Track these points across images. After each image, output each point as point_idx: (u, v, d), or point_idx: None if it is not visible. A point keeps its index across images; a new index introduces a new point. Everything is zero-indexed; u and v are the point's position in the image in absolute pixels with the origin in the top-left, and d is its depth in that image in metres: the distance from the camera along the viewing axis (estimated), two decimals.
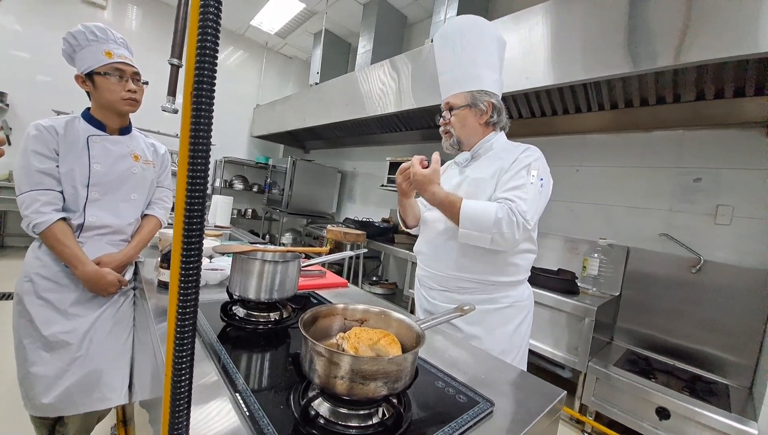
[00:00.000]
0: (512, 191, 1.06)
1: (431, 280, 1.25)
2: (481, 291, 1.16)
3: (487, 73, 1.18)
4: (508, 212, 1.02)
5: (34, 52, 4.18)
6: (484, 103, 1.18)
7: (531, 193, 1.05)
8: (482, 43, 1.18)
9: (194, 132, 0.33)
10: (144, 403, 1.13)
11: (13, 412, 1.57)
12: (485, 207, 1.05)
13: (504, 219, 1.01)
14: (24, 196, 1.13)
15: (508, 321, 1.16)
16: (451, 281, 1.19)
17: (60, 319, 1.18)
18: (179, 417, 0.37)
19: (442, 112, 1.25)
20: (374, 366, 0.53)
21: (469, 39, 1.18)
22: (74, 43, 1.17)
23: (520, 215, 1.01)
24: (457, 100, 1.20)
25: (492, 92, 1.19)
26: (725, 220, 2.02)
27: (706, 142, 2.11)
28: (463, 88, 1.19)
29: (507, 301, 1.16)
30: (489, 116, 1.20)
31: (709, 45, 1.46)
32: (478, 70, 1.18)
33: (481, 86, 1.17)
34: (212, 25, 0.33)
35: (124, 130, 1.32)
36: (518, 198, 1.04)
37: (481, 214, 1.04)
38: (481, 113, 1.19)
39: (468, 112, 1.19)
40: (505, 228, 1.01)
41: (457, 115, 1.20)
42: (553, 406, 0.72)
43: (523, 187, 1.06)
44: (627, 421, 1.84)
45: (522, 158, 1.12)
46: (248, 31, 5.47)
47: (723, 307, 1.98)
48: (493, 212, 1.02)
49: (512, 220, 1.01)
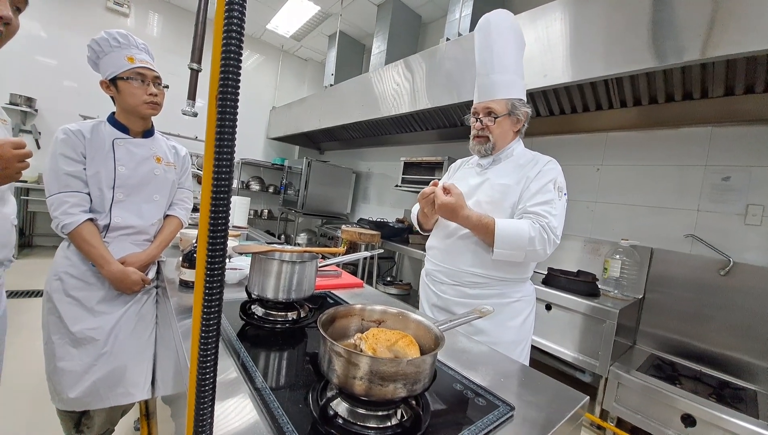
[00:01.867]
0: (542, 206, 1.11)
1: (443, 274, 1.27)
2: (492, 286, 1.20)
3: (520, 81, 1.22)
4: (540, 230, 1.07)
5: (61, 58, 4.36)
6: (522, 113, 1.21)
7: (559, 208, 1.12)
8: (517, 47, 1.21)
9: (219, 136, 0.34)
10: (166, 398, 1.16)
11: (40, 406, 1.64)
12: (518, 227, 1.09)
13: (537, 237, 1.06)
14: (53, 198, 1.17)
15: (517, 314, 1.21)
16: (464, 276, 1.22)
17: (87, 316, 1.23)
18: (203, 413, 0.37)
19: (479, 115, 1.24)
20: (393, 367, 0.53)
21: (509, 40, 1.19)
22: (98, 50, 1.21)
23: (551, 232, 1.07)
24: (499, 107, 1.21)
25: (525, 100, 1.22)
26: (756, 220, 1.94)
27: (736, 139, 2.02)
28: (505, 95, 1.20)
29: (516, 296, 1.21)
30: (522, 125, 1.24)
31: (737, 38, 1.40)
32: (515, 77, 1.20)
33: (518, 94, 1.21)
34: (236, 30, 0.33)
35: (147, 133, 1.36)
36: (549, 214, 1.09)
37: (515, 235, 1.08)
38: (517, 121, 1.23)
39: (507, 119, 1.21)
40: (538, 245, 1.07)
41: (498, 122, 1.21)
42: (576, 411, 0.71)
43: (552, 203, 1.11)
44: (650, 427, 1.78)
45: (547, 171, 1.16)
46: (264, 34, 5.56)
47: (753, 311, 1.90)
48: (526, 232, 1.07)
49: (544, 237, 1.07)
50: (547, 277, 2.39)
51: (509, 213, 1.18)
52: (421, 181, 3.46)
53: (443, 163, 3.31)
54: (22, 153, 0.83)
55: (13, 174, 0.84)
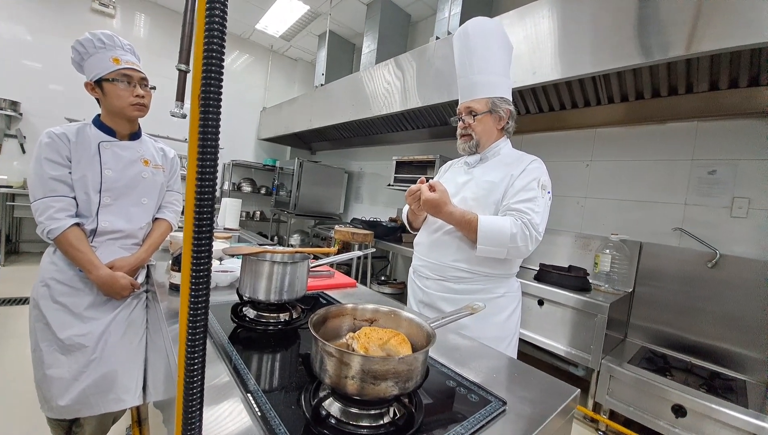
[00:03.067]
0: (525, 203, 1.12)
1: (428, 269, 1.29)
2: (476, 281, 1.21)
3: (504, 80, 1.25)
4: (522, 227, 1.09)
5: (46, 61, 4.28)
6: (504, 111, 1.24)
7: (542, 206, 1.13)
8: (499, 49, 1.24)
9: (202, 136, 0.33)
10: (158, 403, 1.14)
11: (30, 415, 1.60)
12: (500, 224, 1.10)
13: (518, 234, 1.08)
14: (38, 202, 1.15)
15: (501, 310, 1.22)
16: (447, 271, 1.24)
17: (75, 323, 1.20)
18: (192, 417, 0.37)
19: (461, 116, 1.29)
20: (385, 366, 0.53)
21: (487, 43, 1.22)
22: (82, 51, 1.19)
23: (533, 228, 1.09)
24: (479, 105, 1.24)
25: (508, 99, 1.25)
26: (742, 212, 1.97)
27: (721, 133, 2.06)
28: (485, 94, 1.23)
29: (500, 291, 1.22)
30: (506, 122, 1.26)
31: (722, 34, 1.43)
32: (497, 77, 1.23)
33: (500, 93, 1.23)
34: (218, 29, 0.33)
35: (134, 136, 1.34)
36: (531, 211, 1.11)
37: (497, 232, 1.10)
38: (500, 119, 1.25)
39: (488, 117, 1.24)
40: (519, 242, 1.09)
41: (479, 120, 1.25)
42: (567, 404, 0.71)
43: (535, 200, 1.12)
44: (642, 419, 1.81)
45: (531, 169, 1.18)
46: (253, 34, 5.52)
47: (740, 302, 1.94)
48: (508, 228, 1.09)
49: (526, 234, 1.08)
50: (538, 272, 2.41)
51: (493, 210, 1.20)
52: (413, 180, 3.45)
53: (435, 162, 3.32)
54: None
55: None
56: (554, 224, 2.75)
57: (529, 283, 2.25)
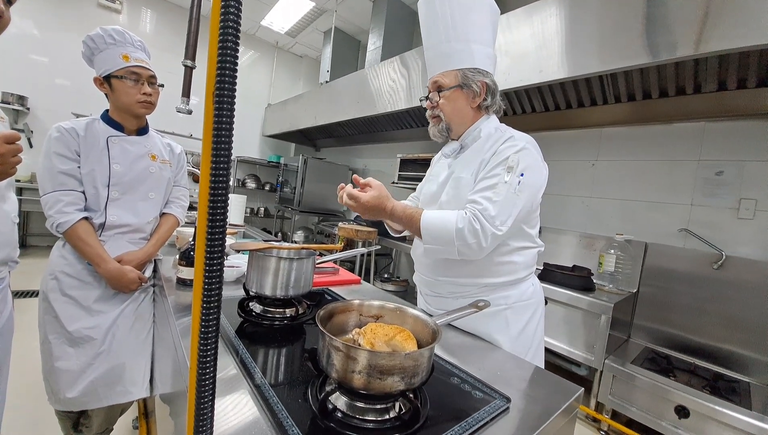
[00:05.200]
0: (482, 192, 0.94)
1: (424, 285, 1.16)
2: (474, 295, 1.03)
3: (480, 48, 1.03)
4: (471, 220, 0.91)
5: (52, 56, 4.31)
6: (477, 84, 1.03)
7: (503, 193, 0.92)
8: (473, 12, 1.02)
9: (216, 133, 0.34)
10: (164, 396, 1.16)
11: (36, 408, 1.63)
12: (445, 219, 0.94)
13: (465, 228, 0.90)
14: (47, 196, 1.16)
15: (507, 325, 1.02)
16: (440, 286, 1.10)
17: (84, 316, 1.22)
18: (204, 410, 0.38)
19: (429, 94, 1.10)
20: (391, 361, 0.54)
21: (458, 6, 1.01)
22: (93, 46, 1.20)
23: (486, 221, 0.90)
24: (447, 79, 1.05)
25: (485, 70, 1.04)
26: (748, 214, 1.96)
27: (728, 134, 2.04)
28: (454, 66, 1.03)
29: (506, 302, 1.03)
30: (482, 99, 1.05)
31: (730, 34, 1.41)
32: (470, 45, 1.02)
33: (473, 64, 1.02)
34: (233, 26, 0.33)
35: (142, 131, 1.35)
36: (487, 200, 0.92)
37: (441, 228, 0.94)
38: (474, 95, 1.04)
39: (459, 93, 1.04)
40: (469, 238, 0.90)
41: (446, 97, 1.05)
42: (570, 403, 0.72)
43: (495, 187, 0.93)
44: (645, 419, 1.81)
45: (502, 150, 0.97)
46: (259, 31, 5.52)
47: (746, 304, 1.93)
48: (452, 224, 0.92)
49: (476, 228, 0.90)
50: (542, 272, 2.41)
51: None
52: (418, 177, 3.46)
53: None
54: (15, 148, 0.81)
55: (9, 169, 0.82)
56: (559, 223, 2.74)
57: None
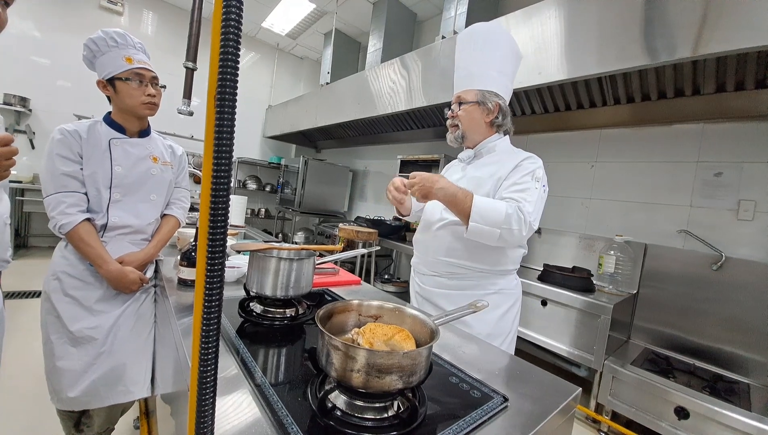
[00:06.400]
0: (518, 193, 1.12)
1: (424, 265, 1.32)
2: (470, 277, 1.23)
3: (499, 77, 1.24)
4: (517, 210, 1.07)
5: (54, 58, 4.32)
6: (492, 103, 1.23)
7: (535, 196, 1.12)
8: (501, 49, 1.24)
9: (218, 135, 0.35)
10: (165, 396, 1.17)
11: (40, 406, 1.64)
12: (495, 203, 1.09)
13: (513, 215, 1.06)
14: (50, 198, 1.17)
15: (495, 307, 1.21)
16: (441, 266, 1.26)
17: (86, 316, 1.23)
18: (205, 409, 0.38)
19: (452, 106, 1.31)
20: (390, 360, 0.54)
21: (491, 43, 1.24)
22: (95, 49, 1.21)
23: (526, 214, 1.07)
24: (468, 95, 1.26)
25: (500, 94, 1.25)
26: (748, 215, 1.96)
27: (727, 136, 2.05)
28: (475, 86, 1.24)
29: (494, 288, 1.22)
30: (495, 116, 1.25)
31: (729, 36, 1.42)
32: (492, 71, 1.23)
33: (491, 87, 1.23)
34: (234, 29, 0.34)
35: (144, 133, 1.36)
36: (524, 199, 1.10)
37: (492, 209, 1.07)
38: (488, 112, 1.24)
39: (476, 108, 1.25)
40: (514, 224, 1.06)
41: (465, 110, 1.26)
42: (568, 403, 0.72)
43: (528, 191, 1.12)
44: (645, 420, 1.81)
45: (525, 165, 1.18)
46: (260, 33, 5.54)
47: (745, 305, 1.93)
48: (503, 208, 1.07)
49: (520, 217, 1.07)
50: (542, 273, 2.41)
51: None
52: None
53: (440, 161, 3.32)
54: (8, 150, 0.79)
55: (2, 172, 0.80)
56: (558, 225, 2.74)
57: (532, 284, 2.25)
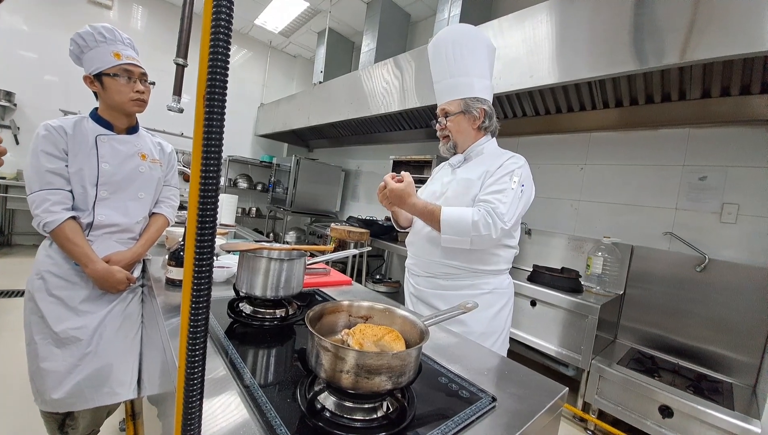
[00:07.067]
0: (493, 194, 1.16)
1: (418, 266, 1.35)
2: (464, 277, 1.25)
3: (478, 81, 1.28)
4: (485, 215, 1.11)
5: (41, 52, 4.23)
6: (477, 110, 1.27)
7: (510, 197, 1.15)
8: (473, 52, 1.27)
9: (207, 133, 0.34)
10: (152, 398, 1.15)
11: (23, 409, 1.60)
12: (462, 213, 1.14)
13: (480, 221, 1.10)
14: (34, 195, 1.15)
15: (489, 306, 1.24)
16: (435, 267, 1.28)
17: (71, 316, 1.21)
18: (192, 410, 0.38)
19: (438, 118, 1.35)
20: (379, 361, 0.54)
21: (461, 48, 1.26)
22: (82, 44, 1.19)
23: (497, 217, 1.11)
24: (452, 107, 1.29)
25: (483, 99, 1.28)
26: (731, 218, 2.01)
27: (712, 140, 2.10)
28: (457, 96, 1.28)
29: (488, 288, 1.25)
30: (481, 121, 1.29)
31: (715, 43, 1.46)
32: (470, 78, 1.27)
33: (473, 94, 1.27)
34: (224, 26, 0.34)
35: (132, 130, 1.34)
36: (498, 201, 1.14)
37: (459, 220, 1.13)
38: (474, 119, 1.28)
39: (462, 118, 1.29)
40: (482, 230, 1.10)
41: (452, 121, 1.30)
42: (555, 402, 0.73)
43: (504, 192, 1.16)
44: (630, 419, 1.84)
45: (507, 164, 1.21)
46: (252, 30, 5.49)
47: (728, 306, 1.98)
48: (469, 217, 1.12)
49: (488, 221, 1.10)
50: (532, 273, 2.44)
51: (471, 205, 1.22)
52: None
53: (432, 162, 3.33)
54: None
55: None
56: (548, 226, 2.78)
57: (522, 284, 2.27)
